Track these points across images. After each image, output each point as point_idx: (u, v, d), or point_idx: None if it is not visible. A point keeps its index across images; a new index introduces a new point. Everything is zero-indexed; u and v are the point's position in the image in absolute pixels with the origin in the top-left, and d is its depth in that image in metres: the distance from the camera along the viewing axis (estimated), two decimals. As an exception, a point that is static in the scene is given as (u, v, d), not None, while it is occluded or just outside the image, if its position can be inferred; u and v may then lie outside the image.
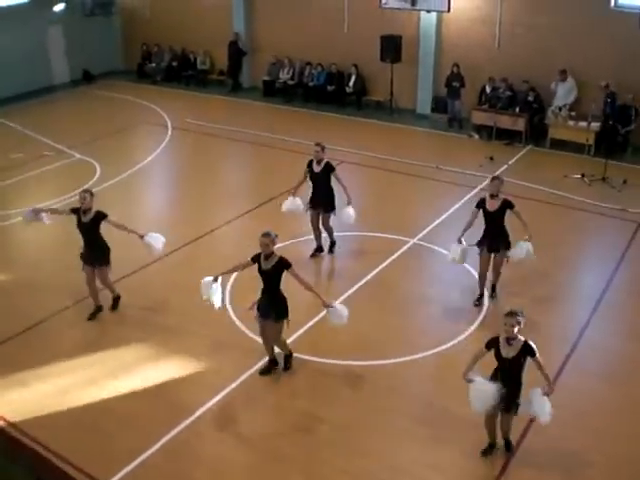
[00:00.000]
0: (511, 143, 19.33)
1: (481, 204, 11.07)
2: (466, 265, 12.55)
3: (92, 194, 10.71)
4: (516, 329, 7.55)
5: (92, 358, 10.20)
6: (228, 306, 11.33)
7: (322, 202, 12.71)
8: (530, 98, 19.44)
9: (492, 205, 10.95)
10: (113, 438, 8.68)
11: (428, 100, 21.85)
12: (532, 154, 18.68)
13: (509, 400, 7.84)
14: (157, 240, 11.04)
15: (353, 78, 22.70)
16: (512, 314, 7.56)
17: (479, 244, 11.31)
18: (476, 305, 11.42)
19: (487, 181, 11.09)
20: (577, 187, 16.14)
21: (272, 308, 9.36)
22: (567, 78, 18.94)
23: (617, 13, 17.98)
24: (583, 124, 18.36)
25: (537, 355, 7.64)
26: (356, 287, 11.96)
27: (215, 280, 9.59)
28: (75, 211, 10.76)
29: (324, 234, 13.13)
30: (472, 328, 10.87)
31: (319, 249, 13.16)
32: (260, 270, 9.28)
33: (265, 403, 9.35)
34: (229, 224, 14.48)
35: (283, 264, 9.14)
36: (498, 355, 7.75)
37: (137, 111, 22.87)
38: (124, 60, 28.26)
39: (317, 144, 12.59)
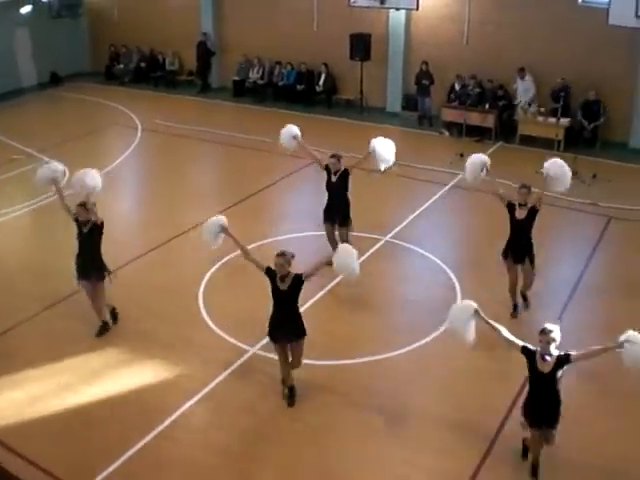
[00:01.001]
0: (481, 140, 19.43)
1: (511, 208, 10.73)
2: (438, 261, 12.64)
3: (85, 206, 10.19)
4: (552, 346, 7.39)
5: (64, 364, 10.08)
6: (202, 309, 11.26)
7: (338, 214, 12.27)
8: (500, 93, 19.56)
9: (521, 214, 10.66)
10: (86, 444, 8.59)
11: (398, 98, 21.91)
12: (502, 150, 18.78)
13: (550, 414, 7.68)
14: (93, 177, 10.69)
15: (323, 77, 22.70)
16: (546, 331, 7.41)
17: (504, 254, 10.98)
18: (513, 317, 11.10)
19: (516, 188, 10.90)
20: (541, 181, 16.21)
21: (297, 327, 8.97)
22: (525, 76, 19.09)
23: (585, 9, 18.13)
24: (552, 120, 18.51)
25: (572, 355, 7.45)
26: (329, 286, 11.93)
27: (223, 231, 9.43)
28: (76, 219, 10.34)
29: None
30: (445, 326, 10.86)
31: None
32: (276, 291, 8.82)
33: (239, 406, 9.30)
34: (201, 225, 14.37)
35: (299, 280, 8.70)
36: (534, 369, 7.57)
37: (106, 113, 22.69)
38: (92, 62, 27.98)
39: (333, 155, 12.16)
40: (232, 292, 11.70)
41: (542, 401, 7.65)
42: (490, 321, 7.90)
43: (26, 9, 24.83)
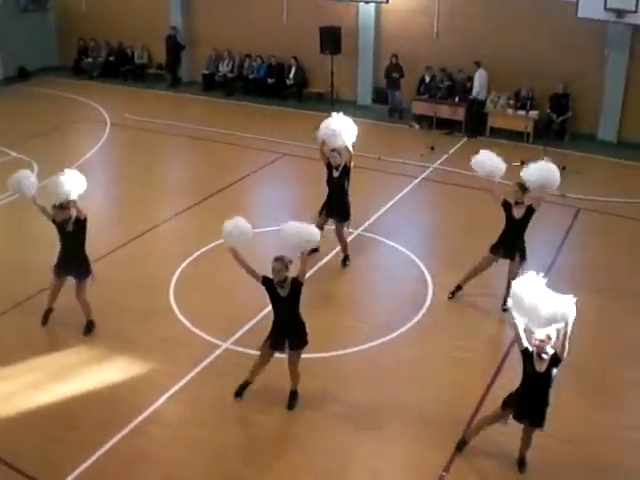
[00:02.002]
0: (451, 132, 19.52)
1: (507, 207, 10.70)
2: (409, 253, 12.70)
3: (61, 207, 10.04)
4: (548, 346, 7.40)
5: (35, 362, 9.96)
6: (173, 305, 11.21)
7: (337, 210, 12.16)
8: (470, 85, 19.65)
9: (518, 212, 10.65)
10: (59, 443, 8.51)
11: (368, 91, 21.94)
12: (472, 143, 18.84)
13: (536, 413, 7.69)
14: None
15: (293, 70, 22.65)
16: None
17: (494, 250, 10.94)
18: (450, 298, 11.24)
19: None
20: (517, 174, 16.24)
21: (299, 334, 8.76)
22: (478, 69, 19.23)
23: (554, 2, 18.25)
24: (522, 112, 18.64)
25: (557, 351, 7.43)
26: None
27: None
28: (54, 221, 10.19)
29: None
30: (417, 317, 10.94)
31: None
32: (276, 297, 8.59)
33: (212, 401, 9.26)
34: (172, 220, 14.34)
35: (298, 284, 8.50)
36: (531, 369, 7.54)
37: (74, 108, 22.46)
38: (60, 56, 27.64)
39: (333, 149, 11.98)
40: (203, 287, 11.66)
41: (533, 399, 7.67)
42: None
43: (-8, 3, 24.56)
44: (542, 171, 10.64)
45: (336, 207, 12.15)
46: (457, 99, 19.70)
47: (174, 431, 8.80)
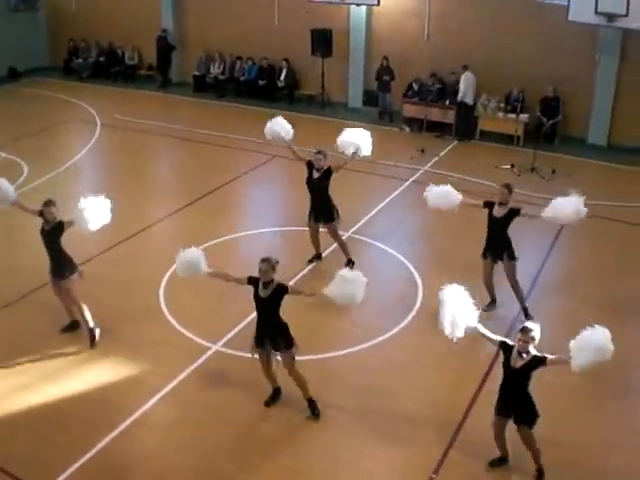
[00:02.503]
0: (441, 135, 19.55)
1: (489, 206, 10.70)
2: (399, 256, 12.71)
3: (54, 202, 10.04)
4: (530, 346, 7.45)
5: (26, 363, 9.93)
6: (163, 306, 11.19)
7: (322, 213, 12.08)
8: (457, 87, 19.67)
9: (499, 212, 10.62)
10: (49, 444, 8.49)
11: (359, 94, 21.96)
12: (462, 146, 18.92)
13: (519, 411, 7.74)
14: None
15: (284, 72, 22.64)
16: (526, 330, 7.46)
17: (483, 255, 10.97)
18: (485, 310, 10.83)
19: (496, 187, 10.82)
20: (507, 177, 16.28)
21: (280, 337, 8.74)
22: (465, 72, 19.29)
23: (545, 5, 18.31)
24: (512, 116, 18.68)
25: (548, 359, 7.46)
26: (292, 281, 11.91)
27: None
28: (40, 214, 10.10)
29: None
30: (408, 319, 10.96)
31: (318, 256, 12.67)
32: (257, 297, 8.62)
33: (201, 403, 9.26)
34: (163, 221, 14.32)
35: (282, 289, 8.52)
36: (506, 363, 7.63)
37: (64, 108, 22.39)
38: (50, 56, 27.59)
39: (319, 152, 11.87)
40: (193, 289, 11.63)
41: (510, 395, 7.72)
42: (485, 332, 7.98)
43: (-18, 3, 24.47)
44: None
45: (320, 210, 12.09)
46: (448, 102, 19.72)
47: (163, 433, 8.78)
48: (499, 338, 7.81)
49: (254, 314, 9.44)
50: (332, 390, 9.44)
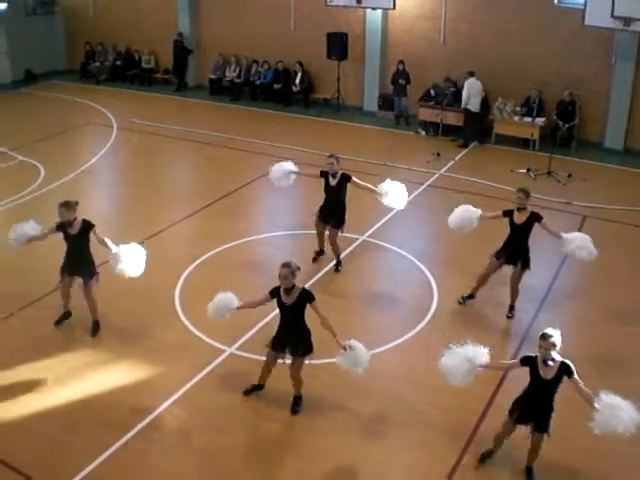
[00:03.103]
0: (457, 139, 19.50)
1: (509, 214, 10.72)
2: (415, 260, 12.69)
3: (69, 205, 10.07)
4: (553, 352, 7.37)
5: (40, 364, 9.97)
6: (179, 309, 11.22)
7: (333, 216, 12.17)
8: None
9: (519, 218, 10.65)
10: (62, 446, 8.51)
11: (375, 97, 21.94)
12: (478, 150, 18.88)
13: (540, 419, 7.68)
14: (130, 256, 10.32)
15: (300, 76, 22.66)
16: (546, 337, 7.37)
17: (497, 254, 10.99)
18: (460, 303, 11.31)
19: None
20: (523, 181, 16.29)
21: (302, 343, 8.78)
22: (469, 79, 19.21)
23: (560, 10, 18.26)
24: (528, 120, 18.63)
25: (575, 375, 7.37)
26: (307, 285, 11.91)
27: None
28: (60, 227, 10.18)
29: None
30: (423, 323, 10.93)
31: (321, 252, 12.83)
32: (281, 304, 8.63)
33: (215, 406, 9.25)
34: (178, 224, 14.35)
35: (307, 297, 8.52)
36: (536, 375, 7.53)
37: (81, 111, 22.52)
38: (67, 60, 27.79)
39: (330, 155, 12.00)
40: (208, 292, 11.61)
41: (536, 404, 7.66)
42: (489, 365, 7.95)
43: (1, 6, 24.60)
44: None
45: (333, 213, 12.17)
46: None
47: (177, 436, 8.77)
48: (516, 361, 7.77)
49: (269, 317, 9.50)
50: (345, 393, 9.41)
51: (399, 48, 21.05)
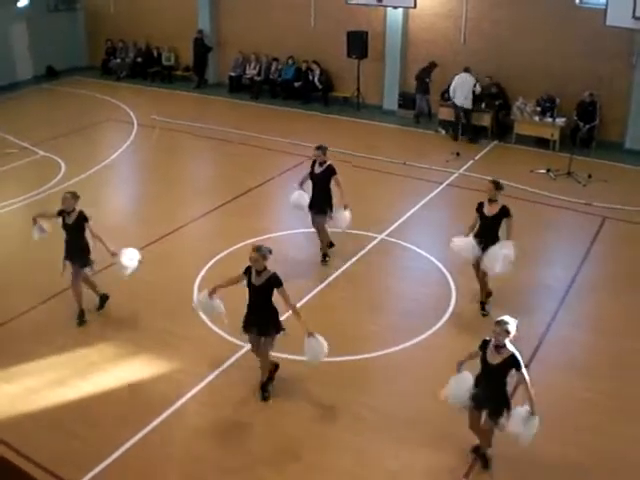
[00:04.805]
0: (475, 139, 19.45)
1: (479, 208, 10.76)
2: (433, 259, 12.66)
3: (75, 195, 10.49)
4: (504, 338, 7.42)
5: (60, 358, 10.06)
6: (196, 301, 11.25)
7: (317, 204, 12.44)
8: (494, 90, 19.58)
9: (490, 210, 10.64)
10: (82, 439, 8.57)
11: (395, 96, 21.89)
12: (498, 149, 18.82)
13: (493, 406, 7.75)
14: (131, 258, 10.73)
15: (319, 74, 22.64)
16: (501, 322, 7.46)
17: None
18: (484, 315, 11.16)
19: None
20: (542, 182, 16.30)
21: (269, 323, 9.01)
22: (460, 74, 19.26)
23: (582, 10, 18.17)
24: (548, 120, 18.56)
25: (522, 369, 7.46)
26: (325, 283, 11.97)
27: (210, 296, 9.25)
28: (60, 213, 10.56)
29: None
30: (441, 322, 10.92)
31: (330, 245, 12.96)
32: (250, 285, 8.89)
33: (233, 401, 9.29)
34: (197, 220, 14.41)
35: (275, 281, 8.73)
36: (484, 359, 7.68)
37: (102, 108, 22.65)
38: (88, 56, 27.96)
39: (317, 147, 12.39)
40: (227, 288, 11.71)
41: (487, 391, 7.73)
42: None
43: (23, 2, 24.82)
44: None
45: (316, 200, 12.43)
46: (483, 105, 19.61)
47: (194, 430, 8.81)
48: (476, 353, 7.87)
49: (285, 316, 9.49)
50: (362, 391, 9.43)
51: (419, 47, 21.01)
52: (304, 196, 12.57)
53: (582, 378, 9.70)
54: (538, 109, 18.88)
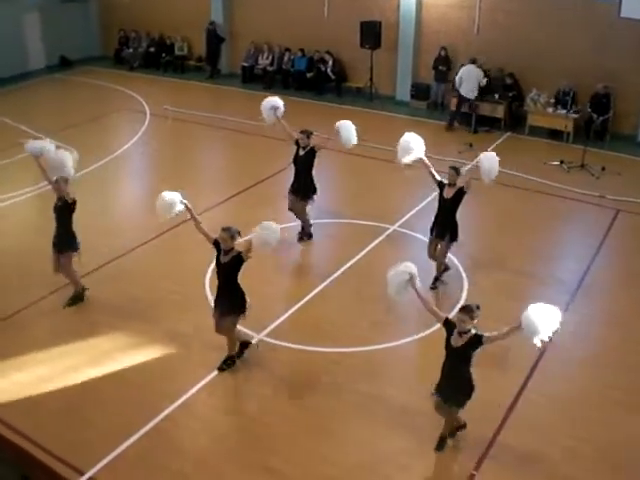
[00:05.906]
0: (490, 130, 19.37)
1: (441, 186, 11.20)
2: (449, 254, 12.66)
3: (65, 181, 10.66)
4: (468, 325, 7.54)
5: (71, 347, 10.13)
6: (209, 295, 11.26)
7: (300, 188, 12.75)
8: (509, 81, 19.49)
9: (448, 193, 11.10)
10: (93, 427, 8.63)
11: (407, 87, 21.83)
12: (511, 141, 18.74)
13: (451, 392, 7.88)
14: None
15: (332, 64, 22.59)
16: (465, 310, 7.59)
17: (430, 230, 11.50)
18: (432, 288, 11.45)
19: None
20: (556, 174, 16.22)
21: (231, 303, 9.26)
22: (466, 65, 19.31)
23: (597, 1, 18.04)
24: (562, 112, 18.46)
25: (485, 336, 7.55)
26: (337, 274, 11.97)
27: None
28: (54, 189, 10.80)
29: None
30: (451, 315, 10.86)
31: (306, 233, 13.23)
32: (218, 262, 9.23)
33: (243, 392, 9.35)
34: (210, 210, 14.38)
35: (239, 258, 9.04)
36: (447, 342, 7.78)
37: (115, 97, 22.68)
38: (101, 46, 28.01)
39: (303, 131, 12.68)
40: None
41: (448, 374, 7.84)
42: (419, 291, 8.22)
43: (37, -8, 24.85)
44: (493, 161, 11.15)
45: (300, 185, 12.75)
46: (497, 96, 19.53)
47: (204, 421, 8.86)
48: (444, 315, 7.97)
49: (299, 304, 9.52)
50: (373, 383, 9.44)
51: (433, 37, 20.92)
52: (278, 100, 13.14)
53: (595, 371, 9.67)
54: (552, 101, 18.78)
